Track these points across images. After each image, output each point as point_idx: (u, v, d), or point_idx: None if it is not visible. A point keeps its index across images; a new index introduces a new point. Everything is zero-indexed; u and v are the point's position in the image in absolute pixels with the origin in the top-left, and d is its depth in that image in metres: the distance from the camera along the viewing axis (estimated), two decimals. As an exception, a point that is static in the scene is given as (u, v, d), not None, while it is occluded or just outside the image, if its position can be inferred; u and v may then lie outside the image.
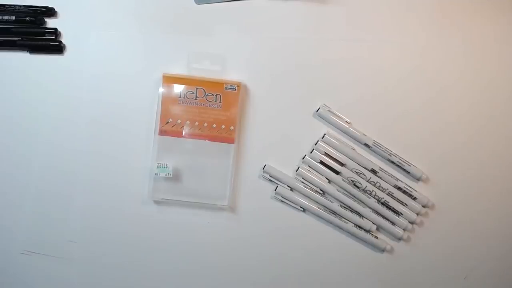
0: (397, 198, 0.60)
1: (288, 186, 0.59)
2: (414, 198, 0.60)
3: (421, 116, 0.61)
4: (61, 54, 0.59)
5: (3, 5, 0.59)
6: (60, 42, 0.59)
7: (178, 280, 0.59)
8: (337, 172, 0.59)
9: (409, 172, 0.60)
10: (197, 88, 0.58)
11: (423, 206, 0.60)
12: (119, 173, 0.59)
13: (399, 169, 0.60)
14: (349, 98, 0.60)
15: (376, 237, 0.59)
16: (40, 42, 0.59)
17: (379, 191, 0.60)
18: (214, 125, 0.58)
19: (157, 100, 0.58)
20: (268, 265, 0.59)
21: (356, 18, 0.61)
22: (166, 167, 0.57)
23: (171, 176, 0.57)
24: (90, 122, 0.59)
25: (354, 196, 0.60)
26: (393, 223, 0.60)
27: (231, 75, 0.60)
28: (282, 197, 0.59)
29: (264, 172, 0.59)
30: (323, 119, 0.60)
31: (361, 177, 0.59)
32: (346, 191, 0.60)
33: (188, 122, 0.58)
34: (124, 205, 0.58)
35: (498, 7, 0.62)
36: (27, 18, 0.59)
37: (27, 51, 0.59)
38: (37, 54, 0.59)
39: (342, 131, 0.60)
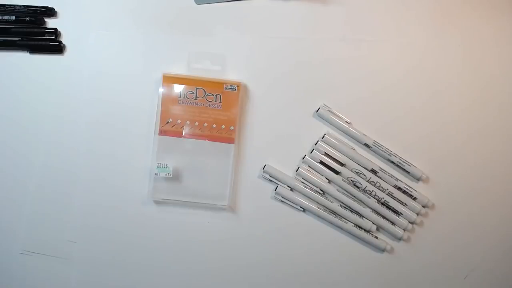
0: (397, 198, 0.60)
1: (288, 186, 0.59)
2: (414, 198, 0.60)
3: (421, 116, 0.61)
4: (61, 54, 0.59)
5: (3, 5, 0.59)
6: (60, 42, 0.59)
7: (178, 280, 0.59)
8: (337, 172, 0.59)
9: (409, 172, 0.60)
10: (197, 88, 0.58)
11: (423, 206, 0.60)
12: (119, 173, 0.59)
13: (399, 169, 0.60)
14: (349, 98, 0.60)
15: (376, 237, 0.59)
16: (40, 42, 0.59)
17: (379, 191, 0.60)
18: (214, 125, 0.58)
19: (157, 100, 0.58)
20: (268, 265, 0.59)
21: (355, 18, 0.61)
22: (166, 167, 0.57)
23: (171, 176, 0.57)
24: (90, 122, 0.59)
25: (354, 196, 0.60)
26: (393, 223, 0.60)
27: (231, 75, 0.60)
28: (282, 197, 0.59)
29: (264, 172, 0.59)
30: (323, 119, 0.60)
31: (361, 177, 0.59)
32: (346, 191, 0.60)
33: (188, 122, 0.58)
34: (124, 205, 0.58)
35: (497, 7, 0.62)
36: (27, 18, 0.59)
37: (27, 51, 0.59)
38: (37, 54, 0.59)
39: (342, 131, 0.60)
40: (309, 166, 0.60)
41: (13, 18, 0.59)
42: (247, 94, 0.60)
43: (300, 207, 0.59)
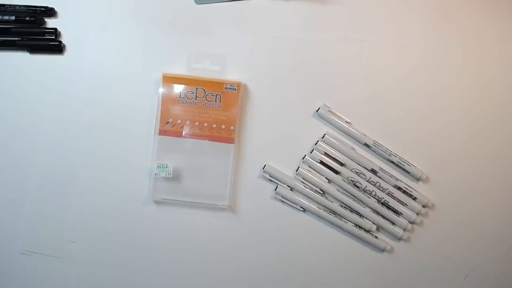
0: (397, 198, 0.60)
1: (288, 186, 0.59)
2: (414, 198, 0.60)
3: (421, 116, 0.61)
4: (61, 54, 0.59)
5: (3, 5, 0.59)
6: (60, 42, 0.59)
7: (178, 280, 0.59)
8: (337, 172, 0.59)
9: (409, 172, 0.60)
10: (197, 88, 0.58)
11: (423, 206, 0.60)
12: (119, 173, 0.59)
13: (399, 169, 0.60)
14: (349, 98, 0.60)
15: (376, 237, 0.59)
16: (40, 42, 0.59)
17: (379, 191, 0.60)
18: (214, 125, 0.58)
19: (157, 100, 0.58)
20: (268, 265, 0.59)
21: (356, 18, 0.61)
22: (166, 167, 0.57)
23: (171, 176, 0.57)
24: (90, 122, 0.59)
25: (354, 196, 0.60)
26: (393, 223, 0.60)
27: (231, 75, 0.60)
28: (282, 197, 0.59)
29: (264, 172, 0.59)
30: (323, 119, 0.60)
31: (361, 177, 0.59)
32: (346, 191, 0.60)
33: (188, 122, 0.58)
34: (124, 205, 0.58)
35: (497, 7, 0.62)
36: (27, 18, 0.59)
37: (27, 51, 0.59)
38: (37, 54, 0.59)
39: (342, 131, 0.60)
40: (309, 166, 0.60)
41: (13, 18, 0.59)
42: (247, 94, 0.60)
43: (300, 207, 0.59)
